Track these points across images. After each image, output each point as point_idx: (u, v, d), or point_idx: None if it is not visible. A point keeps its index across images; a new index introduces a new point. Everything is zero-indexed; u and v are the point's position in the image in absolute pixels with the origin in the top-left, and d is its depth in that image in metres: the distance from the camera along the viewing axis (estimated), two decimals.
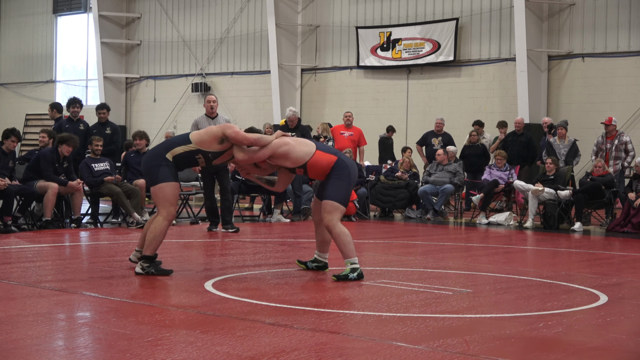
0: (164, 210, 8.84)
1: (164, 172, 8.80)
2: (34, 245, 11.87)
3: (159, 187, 8.82)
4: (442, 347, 5.71)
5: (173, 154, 8.84)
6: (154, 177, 8.84)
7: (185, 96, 30.56)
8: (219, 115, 14.11)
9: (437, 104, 25.20)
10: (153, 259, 8.89)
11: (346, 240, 8.75)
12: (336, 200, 8.77)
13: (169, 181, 8.81)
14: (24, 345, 5.56)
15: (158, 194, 8.85)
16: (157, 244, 8.89)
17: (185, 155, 8.86)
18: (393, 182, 18.57)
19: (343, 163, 8.88)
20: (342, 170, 8.83)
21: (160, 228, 8.85)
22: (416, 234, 15.37)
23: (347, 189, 8.87)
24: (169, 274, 8.88)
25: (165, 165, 8.81)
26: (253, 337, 5.89)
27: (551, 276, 9.55)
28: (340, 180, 8.81)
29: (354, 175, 8.94)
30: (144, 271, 8.82)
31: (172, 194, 8.84)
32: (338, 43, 27.40)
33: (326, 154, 8.90)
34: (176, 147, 8.87)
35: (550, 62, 23.55)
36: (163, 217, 8.84)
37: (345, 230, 8.79)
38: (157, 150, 8.97)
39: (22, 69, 35.72)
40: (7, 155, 14.00)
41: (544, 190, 16.33)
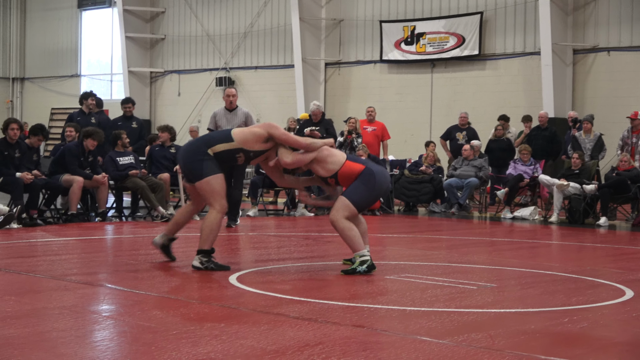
0: (216, 203, 8.79)
1: (207, 166, 8.74)
2: (60, 238, 11.94)
3: (205, 182, 8.76)
4: (467, 341, 5.69)
5: (214, 151, 8.78)
6: (198, 172, 8.77)
7: (210, 90, 30.61)
8: (238, 108, 14.03)
9: (462, 98, 25.12)
10: (211, 253, 8.88)
11: (351, 234, 8.71)
12: (350, 200, 8.72)
13: (215, 174, 8.76)
14: (50, 337, 5.59)
15: (206, 189, 8.78)
16: (214, 238, 8.86)
17: (227, 153, 8.80)
18: (417, 177, 18.54)
19: (370, 171, 8.81)
20: (367, 177, 8.77)
21: (216, 221, 8.82)
22: (440, 229, 15.34)
23: (367, 195, 8.79)
24: (228, 269, 8.82)
25: (207, 159, 8.75)
26: (277, 331, 5.90)
27: (576, 271, 9.51)
28: (363, 185, 8.75)
29: (380, 183, 8.83)
30: (202, 266, 8.77)
31: (220, 186, 8.79)
32: (362, 37, 27.36)
33: (354, 164, 8.88)
34: (218, 144, 8.80)
35: (576, 55, 23.42)
36: (217, 210, 8.81)
37: (349, 224, 8.72)
38: (197, 146, 8.90)
39: (48, 64, 35.90)
40: (31, 150, 14.08)
41: (569, 184, 16.25)
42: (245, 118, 13.70)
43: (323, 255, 10.73)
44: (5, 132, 13.57)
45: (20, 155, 13.67)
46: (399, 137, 23.82)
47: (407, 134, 25.44)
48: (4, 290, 7.40)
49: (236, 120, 13.63)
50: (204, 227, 8.85)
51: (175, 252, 10.83)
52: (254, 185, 16.71)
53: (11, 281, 7.94)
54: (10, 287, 7.58)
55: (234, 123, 13.54)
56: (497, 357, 5.29)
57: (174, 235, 9.46)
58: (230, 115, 13.75)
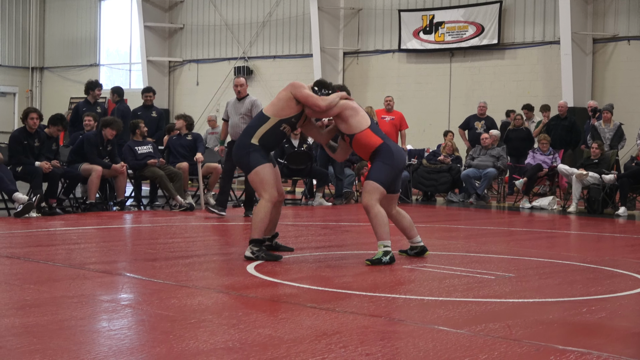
0: (265, 193, 8.82)
1: (253, 157, 8.80)
2: (79, 227, 11.98)
3: (254, 173, 8.81)
4: (484, 331, 5.69)
5: (258, 137, 8.83)
6: (246, 166, 8.89)
7: (228, 80, 30.62)
8: (247, 97, 13.69)
9: (480, 88, 25.05)
10: (262, 243, 8.91)
11: (382, 222, 8.71)
12: (377, 182, 8.74)
13: (262, 164, 8.80)
14: (69, 326, 5.61)
15: (255, 179, 8.84)
16: (264, 227, 8.86)
17: (271, 131, 8.85)
18: (435, 166, 18.51)
19: (388, 148, 8.83)
20: (386, 154, 8.80)
21: (265, 210, 8.82)
22: (458, 218, 15.31)
23: (390, 174, 8.82)
24: (279, 259, 8.84)
25: (253, 150, 8.81)
26: (295, 320, 5.91)
27: (595, 261, 9.47)
28: (384, 163, 8.78)
29: (398, 162, 8.88)
30: (253, 255, 8.78)
31: (268, 175, 8.81)
32: (380, 26, 27.31)
33: (373, 135, 8.87)
34: (257, 129, 8.86)
35: (595, 45, 23.30)
36: (265, 199, 8.83)
37: (383, 212, 8.74)
38: (241, 140, 8.99)
39: (67, 53, 36.01)
40: (50, 139, 14.14)
41: (588, 174, 16.19)
42: (251, 106, 13.47)
43: (341, 244, 10.73)
44: (25, 122, 13.62)
45: (40, 144, 13.72)
46: (417, 126, 23.79)
47: (425, 124, 25.40)
48: (23, 279, 7.44)
49: (242, 109, 13.51)
50: (254, 217, 8.89)
51: (194, 240, 10.86)
52: None
53: (30, 270, 7.98)
54: (30, 276, 7.62)
55: (241, 112, 13.48)
56: (515, 347, 5.28)
57: (272, 233, 9.41)
58: (238, 105, 13.64)
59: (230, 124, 13.67)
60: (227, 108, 13.79)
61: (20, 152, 13.46)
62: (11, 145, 13.61)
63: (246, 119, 13.23)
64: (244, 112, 13.43)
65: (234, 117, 13.56)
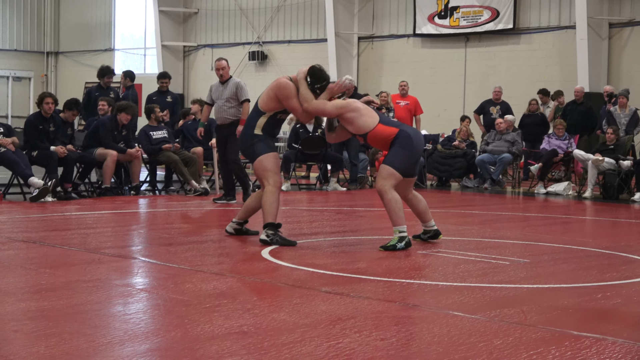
0: (270, 179, 8.90)
1: (258, 147, 8.93)
2: (94, 212, 12.02)
3: (257, 161, 8.93)
4: (499, 317, 5.68)
5: (260, 127, 8.97)
6: (251, 156, 9.02)
7: (243, 64, 30.60)
8: (230, 79, 13.27)
9: (495, 73, 24.94)
10: (277, 228, 8.95)
11: (397, 207, 8.69)
12: (393, 167, 8.73)
13: (265, 153, 8.91)
14: (84, 310, 5.64)
15: (258, 167, 8.95)
16: (275, 211, 8.92)
17: (269, 122, 9.00)
18: (450, 151, 18.48)
19: (405, 134, 8.80)
20: (404, 140, 8.77)
21: (272, 196, 8.89)
22: (473, 204, 15.29)
23: (408, 159, 8.80)
24: (294, 244, 8.88)
25: (257, 140, 8.94)
26: (310, 305, 5.92)
27: (610, 247, 9.45)
28: (402, 149, 8.76)
29: (417, 146, 8.87)
30: (269, 239, 8.84)
31: (271, 163, 8.92)
32: (395, 11, 27.21)
33: (387, 127, 8.85)
34: (257, 121, 8.98)
35: (611, 29, 23.14)
36: (271, 185, 8.90)
37: (397, 197, 8.72)
38: (245, 132, 9.10)
39: (82, 38, 36.03)
40: (65, 124, 14.18)
41: (604, 160, 16.13)
42: (236, 88, 13.10)
43: (355, 229, 10.74)
44: (40, 106, 13.65)
45: (55, 129, 13.76)
46: (432, 111, 23.68)
47: (440, 109, 25.33)
48: (39, 263, 7.48)
49: (226, 93, 13.13)
50: (263, 203, 8.94)
51: (210, 225, 10.90)
52: (287, 159, 16.72)
53: (46, 254, 8.02)
54: (45, 260, 7.66)
55: (224, 96, 13.14)
56: (530, 332, 5.28)
57: (244, 220, 9.51)
58: (221, 88, 13.24)
59: (215, 109, 13.38)
60: (211, 92, 13.45)
61: (36, 137, 13.50)
62: (26, 130, 13.66)
63: (232, 102, 13.06)
64: (229, 95, 13.10)
65: (218, 101, 13.24)
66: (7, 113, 34.18)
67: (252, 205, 9.37)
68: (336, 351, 4.73)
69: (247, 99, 13.03)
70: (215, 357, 4.58)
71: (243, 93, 13.12)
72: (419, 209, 9.19)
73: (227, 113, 13.05)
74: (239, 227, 9.50)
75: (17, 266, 7.33)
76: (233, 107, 13.07)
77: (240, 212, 9.47)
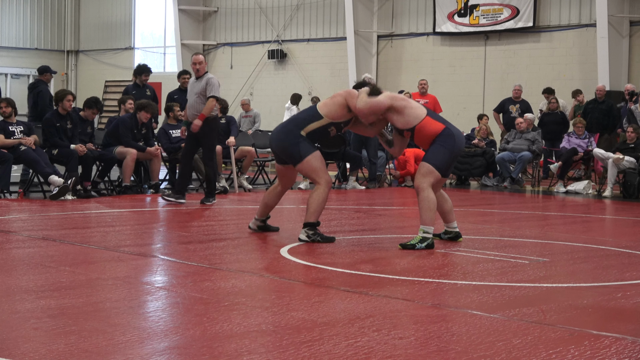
0: (320, 179, 8.98)
1: (304, 147, 8.94)
2: (113, 210, 12.06)
3: (305, 162, 8.96)
4: (518, 316, 5.67)
5: (307, 131, 8.98)
6: (296, 156, 8.97)
7: (262, 63, 30.65)
8: (204, 75, 12.84)
9: (515, 71, 24.88)
10: (317, 226, 8.99)
11: (430, 206, 8.66)
12: (433, 165, 8.70)
13: (311, 153, 8.96)
14: (104, 307, 5.66)
15: (307, 168, 9.00)
16: (320, 212, 9.01)
17: (319, 130, 9.02)
18: (469, 150, 18.43)
19: (449, 132, 8.78)
20: (446, 139, 8.73)
21: (323, 196, 8.97)
22: (492, 202, 15.25)
23: (448, 158, 8.75)
24: (332, 241, 8.97)
25: (302, 140, 8.96)
26: (328, 303, 5.92)
27: (630, 246, 9.41)
28: (443, 147, 8.72)
29: (458, 146, 8.83)
30: (309, 239, 8.91)
31: (319, 162, 8.98)
32: (415, 9, 27.18)
33: (434, 122, 8.83)
34: (309, 124, 8.99)
35: (632, 27, 23.04)
36: (322, 185, 8.98)
37: (433, 197, 8.70)
38: (289, 129, 9.08)
39: (102, 36, 36.19)
40: (85, 122, 14.23)
41: (624, 158, 16.05)
42: (206, 84, 12.67)
43: (374, 228, 10.73)
44: (60, 103, 13.70)
45: (72, 126, 13.81)
46: (452, 110, 23.65)
47: (459, 107, 25.28)
48: (59, 261, 7.51)
49: (198, 88, 12.73)
50: (311, 201, 9.00)
51: (228, 223, 10.91)
52: None
53: (66, 252, 8.05)
54: (65, 258, 7.69)
55: (196, 91, 12.74)
56: (549, 331, 5.26)
57: (266, 216, 9.59)
58: (196, 84, 12.83)
59: (188, 104, 12.97)
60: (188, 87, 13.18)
61: (55, 135, 13.55)
62: (45, 128, 13.72)
63: (202, 97, 12.66)
64: (199, 90, 12.72)
65: (191, 96, 12.88)
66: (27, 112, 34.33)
67: (270, 202, 9.43)
68: (355, 350, 4.73)
69: (214, 96, 12.64)
70: (234, 355, 4.59)
71: (211, 89, 12.70)
72: (444, 209, 9.16)
73: (198, 109, 12.68)
74: (262, 224, 9.56)
75: (37, 264, 7.37)
76: (204, 102, 12.69)
77: (259, 209, 9.53)
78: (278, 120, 27.28)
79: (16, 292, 6.09)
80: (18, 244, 8.66)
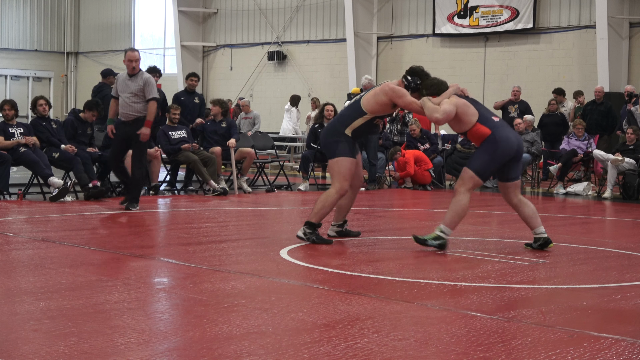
0: (337, 183, 8.93)
1: (342, 147, 8.93)
2: (113, 211, 12.05)
3: (335, 161, 8.95)
4: (518, 317, 5.67)
5: (352, 129, 8.95)
6: (332, 151, 8.99)
7: (262, 64, 30.65)
8: (139, 73, 12.24)
9: (515, 72, 24.88)
10: (316, 227, 8.97)
11: (459, 211, 8.58)
12: (473, 171, 8.62)
13: (346, 156, 8.92)
14: (103, 309, 5.66)
15: (334, 167, 8.99)
16: (324, 215, 8.96)
17: (365, 125, 8.99)
18: (469, 151, 18.42)
19: (494, 138, 8.60)
20: (490, 145, 8.59)
21: (331, 200, 8.94)
22: (492, 204, 15.25)
23: (489, 163, 8.62)
24: (329, 243, 8.96)
25: (344, 141, 8.94)
26: (328, 305, 5.92)
27: (630, 247, 9.41)
28: (485, 153, 8.61)
29: (502, 151, 8.60)
30: (305, 237, 8.92)
31: (347, 168, 8.92)
32: (414, 10, 27.17)
33: (483, 127, 8.65)
34: (353, 122, 8.96)
35: (632, 29, 23.02)
36: (335, 190, 8.94)
37: (466, 203, 8.59)
38: (335, 126, 9.10)
39: (101, 38, 36.19)
40: (85, 124, 14.24)
41: (624, 160, 16.05)
42: (144, 84, 12.03)
43: (374, 229, 10.73)
44: (35, 110, 13.86)
45: (57, 126, 13.91)
46: None
47: None
48: (59, 263, 7.51)
49: (133, 87, 12.03)
50: (319, 201, 8.99)
51: (228, 225, 10.90)
52: (306, 159, 16.72)
53: (65, 253, 8.05)
54: (65, 260, 7.69)
55: (131, 89, 12.03)
56: (549, 333, 5.26)
57: (342, 221, 9.50)
58: (129, 82, 12.11)
59: (120, 103, 12.18)
60: (117, 84, 12.34)
61: (43, 135, 13.63)
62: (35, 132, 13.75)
63: (139, 97, 12.00)
64: (136, 89, 12.03)
65: (124, 94, 12.10)
66: (27, 113, 34.34)
67: (343, 204, 9.33)
68: (354, 351, 4.72)
69: (155, 98, 12.09)
70: (234, 356, 4.59)
71: (151, 90, 12.10)
72: (525, 214, 8.99)
73: (132, 109, 12.02)
74: (339, 229, 9.49)
75: (37, 265, 7.37)
76: (139, 102, 12.04)
77: (335, 215, 9.45)
78: (278, 121, 27.34)
79: (15, 293, 6.09)
80: (17, 245, 8.66)
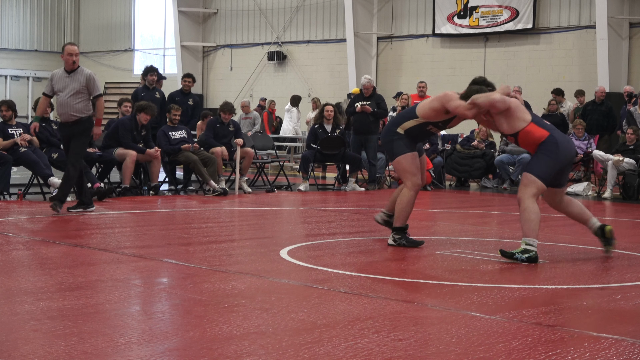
0: (408, 181, 8.91)
1: (397, 145, 8.93)
2: (113, 211, 12.06)
3: (396, 161, 8.97)
4: (518, 317, 5.67)
5: (404, 128, 8.94)
6: (390, 153, 9.07)
7: (262, 65, 30.66)
8: (79, 69, 11.51)
9: (515, 73, 24.88)
10: (404, 230, 8.95)
11: (532, 217, 8.23)
12: (535, 175, 8.32)
13: (404, 153, 8.91)
14: (103, 309, 5.66)
15: (398, 168, 9.02)
16: (407, 215, 8.94)
17: (417, 128, 8.94)
18: (469, 152, 18.43)
19: (553, 139, 8.37)
20: (550, 147, 8.33)
21: (408, 198, 8.91)
22: (492, 204, 15.25)
23: (552, 166, 8.34)
24: (420, 244, 8.92)
25: (397, 139, 8.93)
26: (328, 305, 5.92)
27: (630, 247, 9.40)
28: (546, 156, 8.33)
29: (564, 154, 8.39)
30: (395, 243, 8.89)
31: (410, 164, 8.90)
32: (414, 11, 27.18)
33: (538, 128, 8.42)
34: (405, 121, 8.96)
35: (632, 29, 23.04)
36: (408, 187, 8.92)
37: (536, 208, 8.26)
38: (388, 127, 9.15)
39: (102, 38, 36.20)
40: None
41: (624, 160, 16.05)
42: (86, 81, 11.34)
43: (373, 230, 10.72)
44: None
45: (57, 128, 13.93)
46: None
47: None
48: (59, 263, 7.51)
49: (73, 84, 11.30)
50: (397, 205, 8.96)
51: (228, 225, 10.90)
52: (306, 159, 16.72)
53: (65, 254, 8.05)
54: (65, 260, 7.69)
55: (73, 87, 11.28)
56: (549, 333, 5.26)
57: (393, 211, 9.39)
58: (68, 79, 11.33)
59: (58, 103, 11.39)
60: (52, 82, 11.48)
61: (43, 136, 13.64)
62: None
63: (80, 95, 11.30)
64: (77, 87, 11.29)
65: (62, 93, 11.33)
66: (27, 113, 34.35)
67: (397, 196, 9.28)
68: (354, 351, 4.72)
69: (101, 94, 11.66)
70: (234, 356, 4.59)
71: (96, 86, 11.51)
72: (573, 213, 8.85)
73: (73, 109, 11.28)
74: (388, 219, 9.41)
75: (37, 266, 7.37)
76: (81, 101, 11.31)
77: (388, 203, 9.41)
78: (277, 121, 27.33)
79: (16, 293, 6.09)
80: (17, 245, 8.66)
